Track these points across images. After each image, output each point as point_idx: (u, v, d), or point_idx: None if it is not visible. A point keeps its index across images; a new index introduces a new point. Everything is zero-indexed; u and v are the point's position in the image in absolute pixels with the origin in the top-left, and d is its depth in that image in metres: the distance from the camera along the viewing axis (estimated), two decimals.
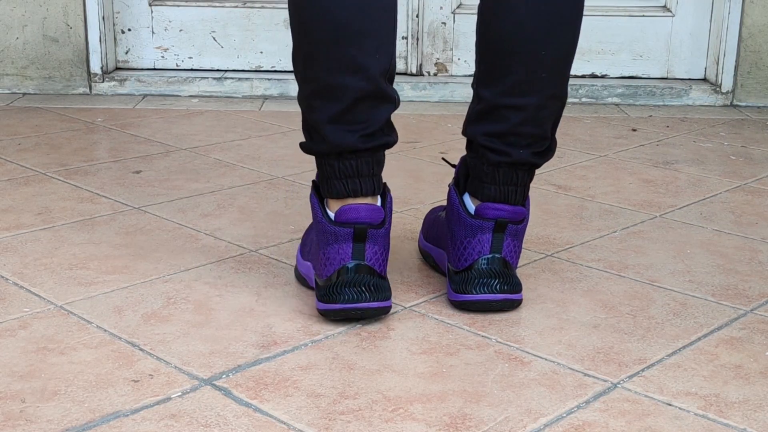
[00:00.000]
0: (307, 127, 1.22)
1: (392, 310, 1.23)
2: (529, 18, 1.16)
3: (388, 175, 1.84)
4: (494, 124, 1.21)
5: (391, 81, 1.21)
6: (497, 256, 1.23)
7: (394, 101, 1.20)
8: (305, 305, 1.25)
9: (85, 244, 1.46)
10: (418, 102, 2.56)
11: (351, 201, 1.20)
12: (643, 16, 2.65)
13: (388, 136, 1.20)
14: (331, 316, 1.19)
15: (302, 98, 1.20)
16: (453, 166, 1.35)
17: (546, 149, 1.24)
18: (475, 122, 1.24)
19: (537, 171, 1.91)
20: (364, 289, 1.17)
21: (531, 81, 1.18)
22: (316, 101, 1.18)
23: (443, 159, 1.26)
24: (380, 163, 1.21)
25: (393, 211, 1.63)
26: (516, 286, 1.23)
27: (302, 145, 1.23)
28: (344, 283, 1.17)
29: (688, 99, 2.59)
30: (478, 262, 1.23)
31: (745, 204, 1.73)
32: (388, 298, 1.19)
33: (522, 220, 1.25)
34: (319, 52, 1.15)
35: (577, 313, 1.24)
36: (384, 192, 1.24)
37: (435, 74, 2.67)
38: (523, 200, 1.25)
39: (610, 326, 1.21)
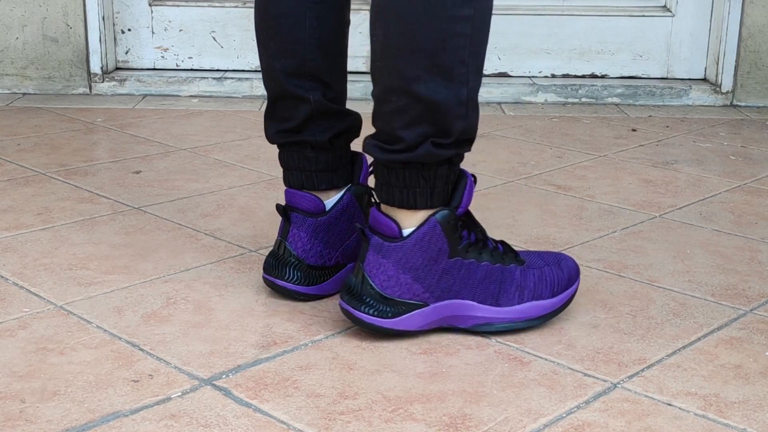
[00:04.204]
0: None
1: None
2: (373, 7, 1.14)
3: None
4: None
5: (304, 79, 1.23)
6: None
7: (308, 101, 1.23)
8: (305, 305, 1.25)
9: (84, 244, 1.46)
10: None
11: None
12: (643, 16, 2.65)
13: (311, 137, 1.24)
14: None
15: None
16: None
17: (401, 150, 1.11)
18: None
19: (537, 171, 1.91)
20: (273, 261, 1.25)
21: (372, 71, 1.15)
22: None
23: None
24: (309, 160, 1.24)
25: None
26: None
27: None
28: (270, 253, 1.27)
29: (688, 99, 2.59)
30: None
31: (744, 204, 1.73)
32: (291, 281, 1.24)
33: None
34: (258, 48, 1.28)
35: (577, 313, 1.24)
36: (352, 190, 1.27)
37: None
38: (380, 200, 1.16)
39: (610, 326, 1.21)
